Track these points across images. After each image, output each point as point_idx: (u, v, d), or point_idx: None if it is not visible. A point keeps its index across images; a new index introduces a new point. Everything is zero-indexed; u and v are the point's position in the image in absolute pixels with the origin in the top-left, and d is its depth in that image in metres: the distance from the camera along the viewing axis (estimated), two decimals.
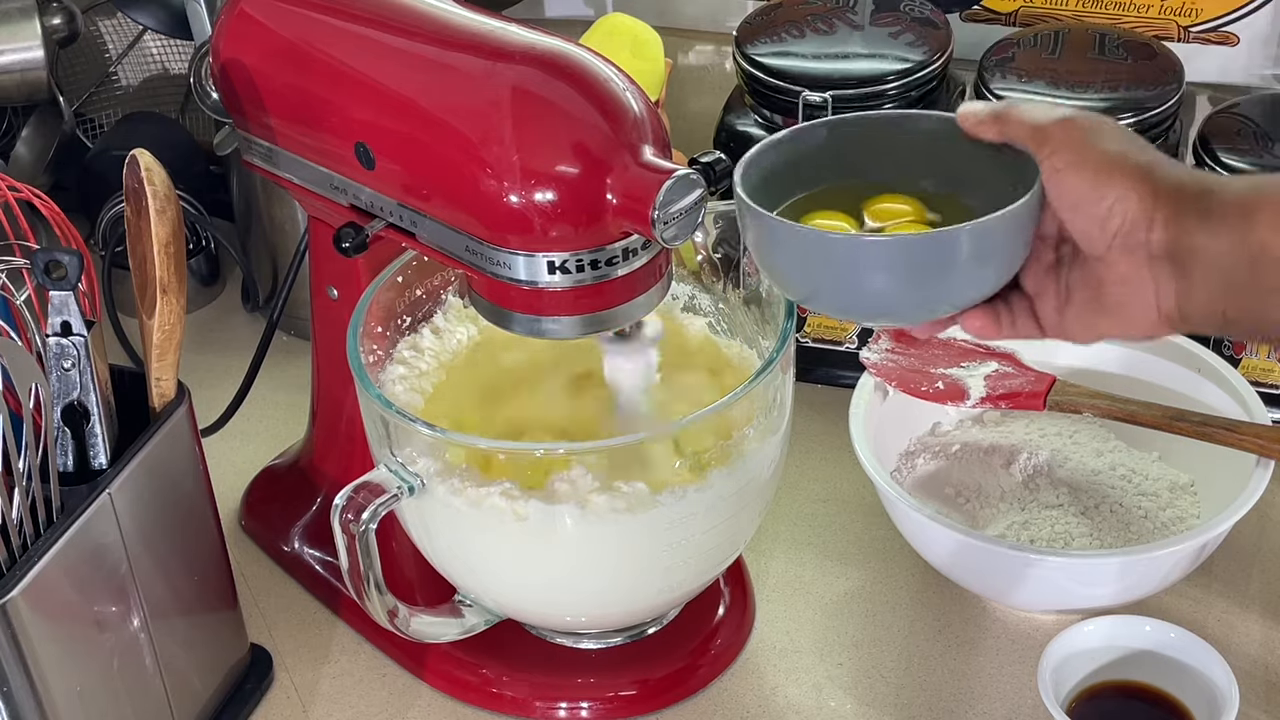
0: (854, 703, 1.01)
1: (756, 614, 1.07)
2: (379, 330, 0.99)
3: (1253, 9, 1.28)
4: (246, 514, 1.18)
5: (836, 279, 0.83)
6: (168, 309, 0.90)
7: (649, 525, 0.90)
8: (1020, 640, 1.04)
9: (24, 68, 1.36)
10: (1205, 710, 0.93)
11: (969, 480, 1.11)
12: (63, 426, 0.88)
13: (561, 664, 1.03)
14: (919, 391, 1.09)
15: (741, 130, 1.21)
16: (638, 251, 0.85)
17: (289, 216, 1.31)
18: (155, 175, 0.89)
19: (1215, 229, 0.77)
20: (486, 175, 0.82)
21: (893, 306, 0.84)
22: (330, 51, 0.91)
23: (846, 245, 0.82)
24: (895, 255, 0.81)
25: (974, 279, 0.82)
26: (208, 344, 1.36)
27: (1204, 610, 1.05)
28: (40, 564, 0.82)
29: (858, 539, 1.13)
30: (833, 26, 1.23)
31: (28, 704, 0.84)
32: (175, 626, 0.95)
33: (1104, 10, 1.31)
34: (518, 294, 0.85)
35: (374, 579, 0.91)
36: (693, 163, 0.89)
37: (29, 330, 0.87)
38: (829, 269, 0.82)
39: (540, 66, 0.83)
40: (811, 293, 0.85)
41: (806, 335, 1.25)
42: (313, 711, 1.03)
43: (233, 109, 0.98)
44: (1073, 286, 0.82)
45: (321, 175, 0.93)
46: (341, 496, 0.89)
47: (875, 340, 1.11)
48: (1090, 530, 1.06)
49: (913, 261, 0.80)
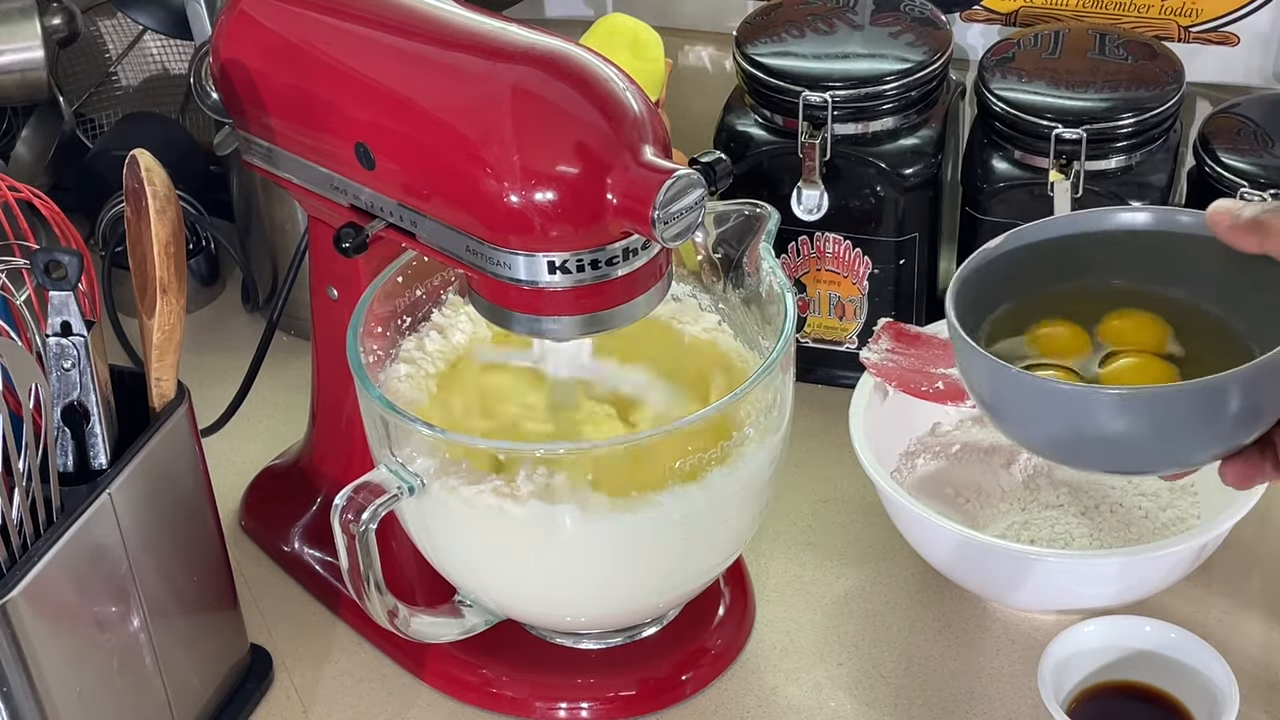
0: (854, 703, 1.01)
1: (756, 614, 1.07)
2: (379, 330, 0.99)
3: (1253, 9, 1.28)
4: (246, 514, 1.18)
5: (1068, 431, 0.72)
6: (168, 309, 0.90)
7: (649, 525, 0.90)
8: (1020, 640, 1.04)
9: (24, 68, 1.36)
10: (1205, 711, 0.93)
11: (969, 480, 1.11)
12: (63, 426, 0.88)
13: (561, 664, 1.03)
14: (919, 391, 1.09)
15: (741, 130, 1.21)
16: (638, 251, 0.85)
17: (289, 216, 1.31)
18: (155, 175, 0.89)
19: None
20: (487, 175, 0.82)
21: (1133, 463, 0.74)
22: (330, 51, 0.91)
23: (1079, 398, 0.70)
24: (1137, 410, 0.69)
25: (1232, 431, 0.70)
26: (208, 344, 1.36)
27: (1204, 610, 1.05)
28: (40, 564, 0.82)
29: (858, 539, 1.13)
30: (833, 26, 1.23)
31: (28, 704, 0.84)
32: (175, 626, 0.95)
33: (1104, 10, 1.31)
34: (518, 294, 0.86)
35: (374, 579, 0.91)
36: (693, 163, 0.89)
37: (29, 330, 0.87)
38: (1059, 419, 0.71)
39: (540, 66, 0.83)
40: (1042, 445, 0.74)
41: (806, 335, 1.25)
42: (313, 711, 1.03)
43: (233, 109, 0.98)
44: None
45: (321, 175, 0.93)
46: (341, 496, 0.89)
47: (875, 340, 1.11)
48: (1090, 530, 1.06)
49: (1158, 415, 0.69)
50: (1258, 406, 0.69)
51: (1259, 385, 0.68)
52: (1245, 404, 0.69)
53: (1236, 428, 0.70)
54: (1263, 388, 0.68)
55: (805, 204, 1.18)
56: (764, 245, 0.97)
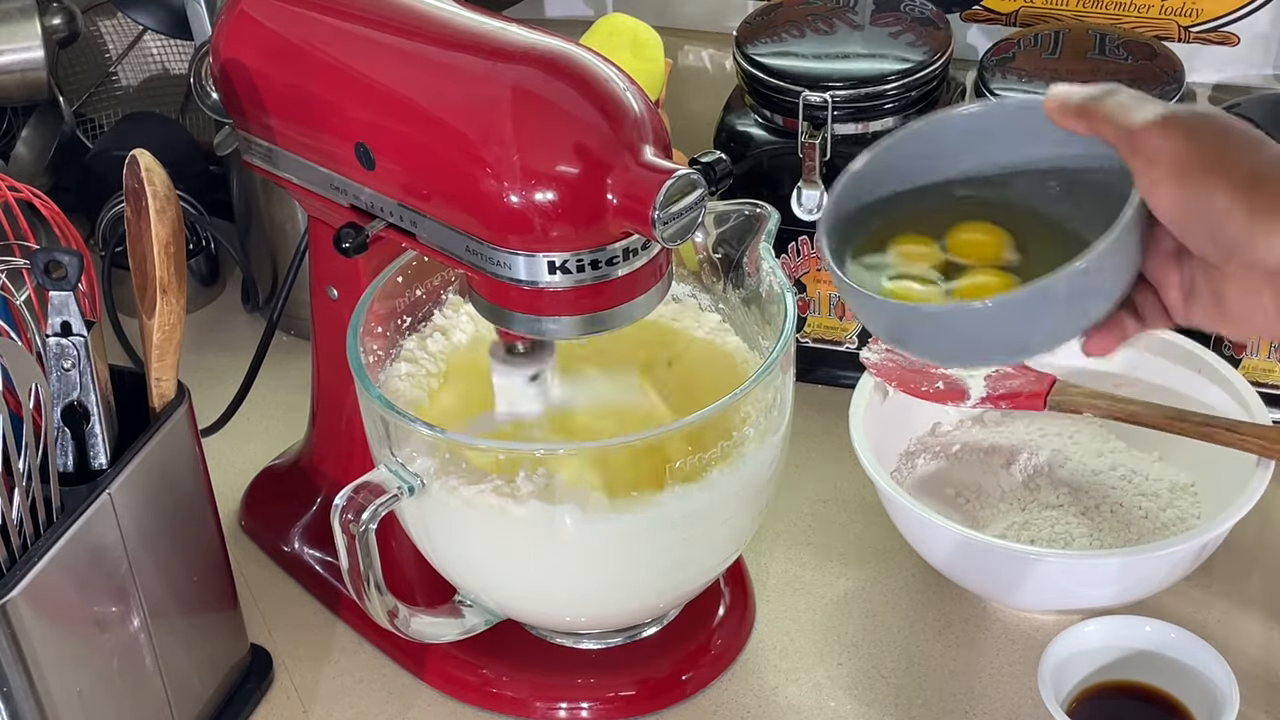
0: (854, 703, 1.01)
1: (756, 614, 1.07)
2: (379, 330, 0.99)
3: (1253, 9, 1.28)
4: (246, 514, 1.18)
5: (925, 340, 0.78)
6: (168, 309, 0.90)
7: (649, 525, 0.90)
8: (1020, 640, 1.04)
9: (24, 68, 1.36)
10: (1205, 711, 0.93)
11: (969, 480, 1.12)
12: (63, 427, 0.88)
13: (561, 664, 1.03)
14: (919, 391, 1.09)
15: (741, 130, 1.22)
16: (638, 251, 0.85)
17: (289, 216, 1.31)
18: (155, 175, 0.89)
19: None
20: (487, 175, 0.82)
21: (992, 357, 0.80)
22: (330, 51, 0.91)
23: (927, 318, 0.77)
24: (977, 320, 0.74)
25: (1079, 313, 0.75)
26: (208, 344, 1.36)
27: (1204, 610, 1.05)
28: (40, 564, 0.82)
29: (858, 539, 1.13)
30: (833, 26, 1.23)
31: (28, 704, 0.84)
32: (175, 626, 0.95)
33: (1104, 10, 1.31)
34: (518, 294, 0.85)
35: (374, 579, 0.91)
36: (693, 163, 0.89)
37: (29, 330, 0.87)
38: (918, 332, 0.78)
39: (541, 66, 0.83)
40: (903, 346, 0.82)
41: (806, 335, 1.25)
42: (313, 711, 1.03)
43: (233, 109, 0.98)
44: (1195, 280, 0.74)
45: (321, 175, 0.93)
46: (341, 496, 0.89)
47: (875, 340, 1.11)
48: (1090, 530, 1.06)
49: (998, 321, 0.74)
50: (1083, 294, 0.73)
51: (1090, 275, 0.72)
52: (1072, 296, 0.73)
53: (1074, 312, 0.75)
54: (1095, 275, 0.72)
55: (805, 204, 1.18)
56: (764, 245, 0.97)
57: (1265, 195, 0.68)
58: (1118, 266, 0.74)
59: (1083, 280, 0.72)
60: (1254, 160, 0.70)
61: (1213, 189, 0.69)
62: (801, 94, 1.16)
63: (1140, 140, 0.71)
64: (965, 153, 0.82)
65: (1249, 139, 0.71)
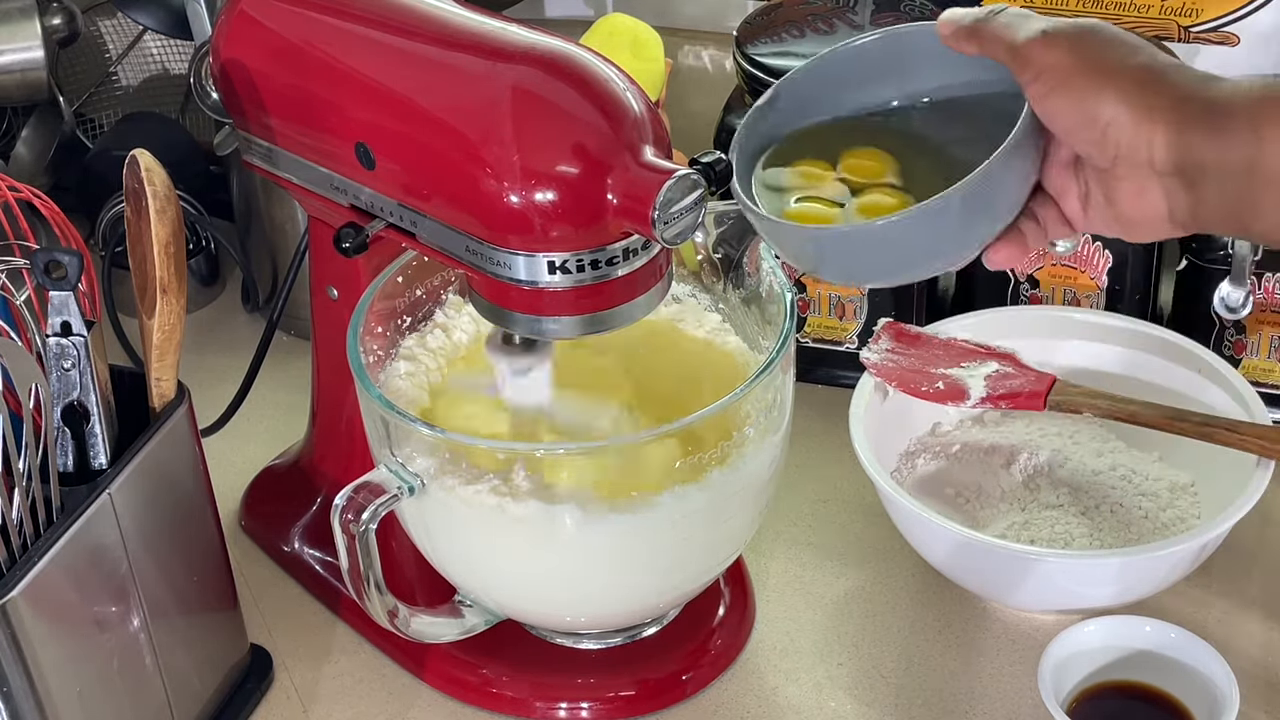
0: (854, 703, 1.01)
1: (756, 614, 1.07)
2: (379, 330, 0.99)
3: (1253, 9, 1.28)
4: (246, 514, 1.18)
5: (827, 260, 0.83)
6: (168, 309, 0.90)
7: (649, 525, 0.90)
8: (1020, 640, 1.04)
9: (24, 68, 1.36)
10: (1205, 711, 0.93)
11: (969, 480, 1.11)
12: (63, 426, 0.88)
13: (561, 664, 1.03)
14: (919, 391, 1.09)
15: None
16: (638, 251, 0.85)
17: (289, 216, 1.31)
18: (155, 175, 0.89)
19: (1224, 143, 0.72)
20: (487, 175, 0.82)
21: (896, 273, 0.83)
22: (330, 51, 0.91)
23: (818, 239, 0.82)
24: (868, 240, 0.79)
25: (978, 229, 0.79)
26: (208, 344, 1.36)
27: (1204, 610, 1.05)
28: (40, 564, 0.82)
29: (858, 539, 1.13)
30: (833, 26, 1.23)
31: (28, 704, 0.84)
32: (175, 626, 0.95)
33: (1104, 10, 1.31)
34: (518, 294, 0.85)
35: (374, 579, 0.91)
36: (693, 163, 0.89)
37: (29, 330, 0.87)
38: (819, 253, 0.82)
39: (541, 66, 0.83)
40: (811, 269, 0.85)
41: (806, 335, 1.25)
42: (313, 711, 1.03)
43: (233, 109, 0.98)
44: (1091, 185, 0.78)
45: (321, 175, 0.93)
46: (341, 496, 0.89)
47: (875, 340, 1.11)
48: (1090, 530, 1.06)
49: (893, 240, 0.78)
50: (977, 209, 0.77)
51: (990, 182, 0.75)
52: (967, 212, 0.76)
53: (972, 228, 0.78)
54: (996, 183, 0.76)
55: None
56: (764, 245, 0.97)
57: (1148, 95, 0.73)
58: (1015, 175, 0.78)
59: (982, 187, 0.76)
60: (1134, 64, 0.74)
61: (1098, 95, 0.73)
62: None
63: (1027, 54, 0.75)
64: (867, 84, 0.86)
65: (1128, 45, 0.75)
